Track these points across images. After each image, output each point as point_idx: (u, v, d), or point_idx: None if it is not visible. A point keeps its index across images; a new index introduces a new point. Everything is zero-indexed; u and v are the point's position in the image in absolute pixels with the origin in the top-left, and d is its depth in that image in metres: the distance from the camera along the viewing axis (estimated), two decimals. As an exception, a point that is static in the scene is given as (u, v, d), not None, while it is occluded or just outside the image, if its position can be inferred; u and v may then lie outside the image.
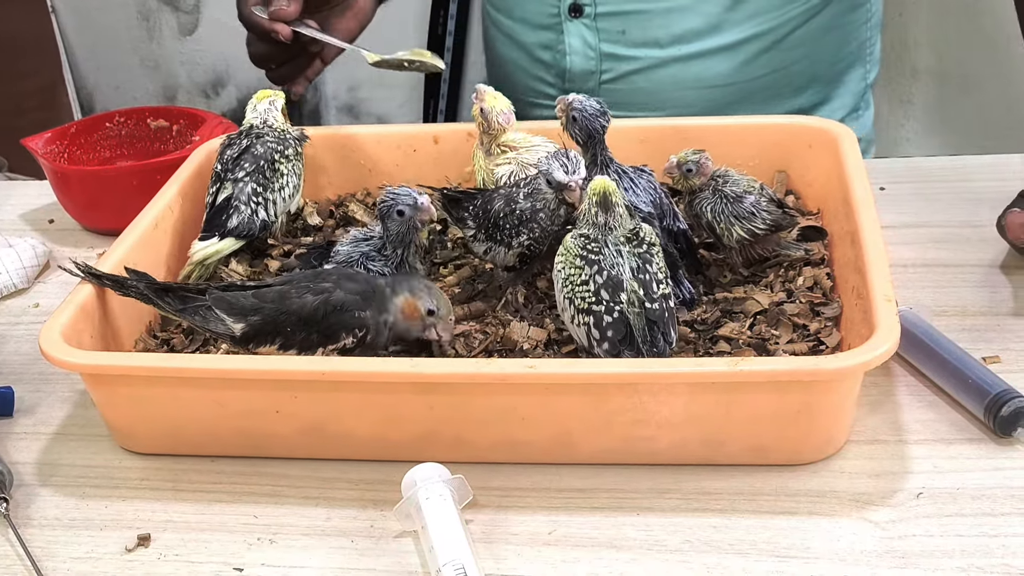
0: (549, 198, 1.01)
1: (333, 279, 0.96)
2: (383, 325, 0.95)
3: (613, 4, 1.37)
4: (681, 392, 0.86)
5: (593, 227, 0.94)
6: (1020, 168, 1.30)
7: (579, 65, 1.40)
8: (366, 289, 0.95)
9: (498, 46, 1.49)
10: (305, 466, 0.94)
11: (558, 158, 1.00)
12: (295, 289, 0.96)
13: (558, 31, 1.40)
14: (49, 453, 0.99)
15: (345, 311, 0.94)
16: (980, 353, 0.99)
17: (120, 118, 1.43)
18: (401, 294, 0.95)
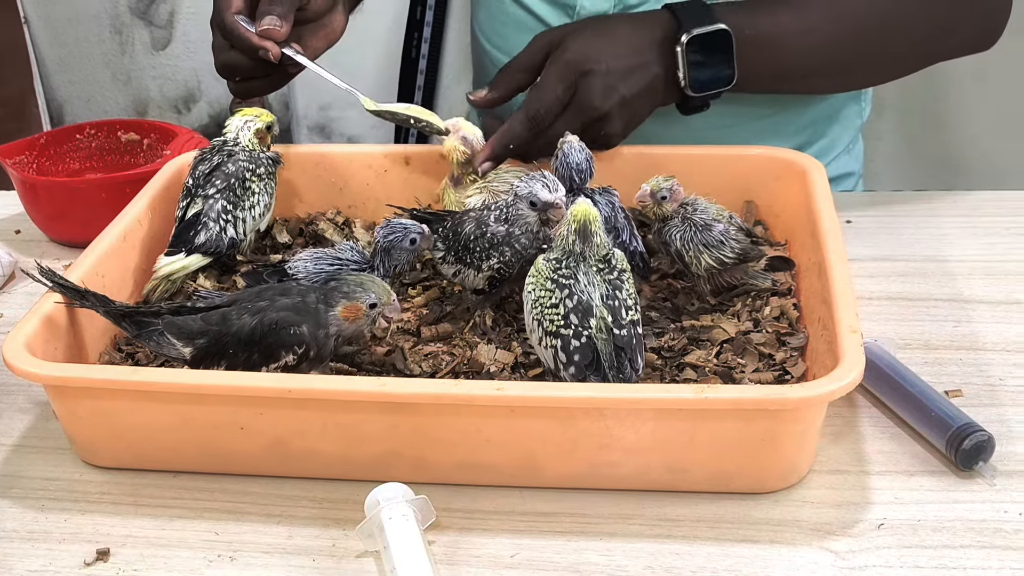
0: (531, 220, 1.02)
1: (269, 296, 0.96)
2: (325, 338, 0.95)
3: None
4: (647, 418, 0.87)
5: (566, 253, 0.94)
6: (982, 203, 1.32)
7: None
8: (298, 303, 0.95)
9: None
10: (267, 483, 0.94)
11: (537, 179, 1.00)
12: (236, 310, 0.96)
13: None
14: (8, 465, 0.98)
15: (281, 328, 0.94)
16: (943, 387, 1.00)
17: (91, 130, 1.42)
18: (338, 304, 0.95)
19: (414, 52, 2.56)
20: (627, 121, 1.18)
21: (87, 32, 2.60)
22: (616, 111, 1.16)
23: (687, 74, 1.18)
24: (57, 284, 0.99)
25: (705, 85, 1.19)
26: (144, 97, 2.64)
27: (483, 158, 1.16)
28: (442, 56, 2.55)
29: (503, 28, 1.41)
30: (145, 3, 2.54)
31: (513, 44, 1.39)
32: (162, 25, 2.58)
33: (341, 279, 0.97)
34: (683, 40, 1.16)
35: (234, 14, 1.17)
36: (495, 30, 1.43)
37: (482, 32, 1.46)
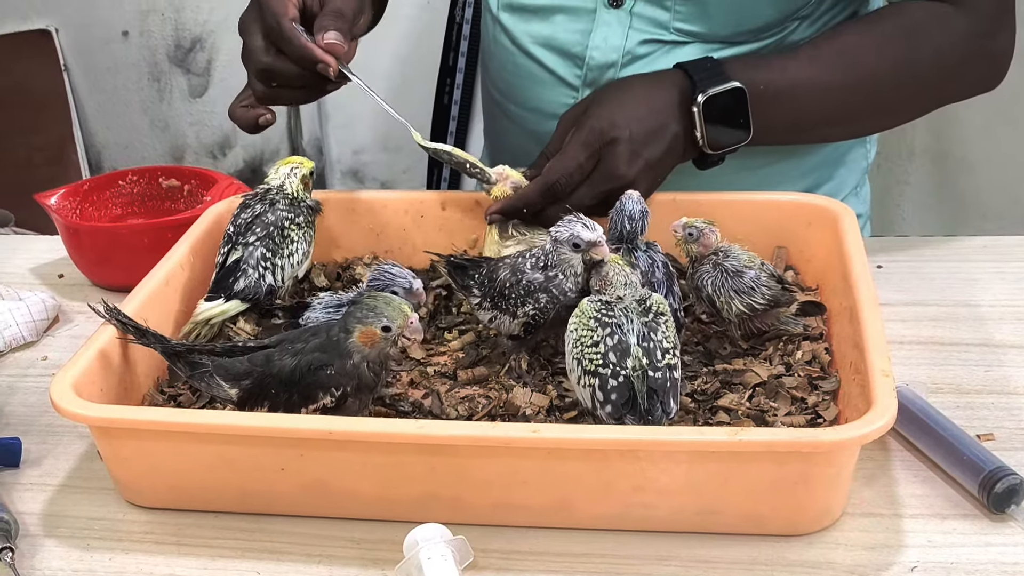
0: (575, 263, 1.03)
1: (305, 337, 0.98)
2: (354, 367, 0.96)
3: None
4: (681, 460, 0.88)
5: (624, 286, 0.97)
6: (1013, 248, 1.33)
7: None
8: (324, 341, 0.97)
9: (506, 132, 1.49)
10: (308, 524, 0.95)
11: (575, 222, 1.02)
12: (279, 351, 0.98)
13: None
14: (54, 504, 1.00)
15: (317, 369, 0.96)
16: (975, 430, 1.01)
17: (133, 177, 1.46)
18: (354, 330, 0.96)
19: (446, 98, 2.59)
20: (650, 184, 1.19)
21: (126, 80, 2.65)
22: (641, 176, 1.17)
23: (704, 133, 1.20)
24: (120, 321, 1.02)
25: (722, 143, 1.21)
26: (181, 143, 2.68)
27: (494, 210, 1.18)
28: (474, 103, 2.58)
29: (513, 79, 1.43)
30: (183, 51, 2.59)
31: (522, 95, 1.42)
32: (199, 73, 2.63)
33: (358, 303, 0.97)
34: (699, 100, 1.18)
35: (291, 19, 1.16)
36: (505, 80, 1.45)
37: (493, 84, 1.49)
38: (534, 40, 1.38)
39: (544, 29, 1.37)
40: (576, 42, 1.35)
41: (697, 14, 1.30)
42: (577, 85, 1.37)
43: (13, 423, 1.11)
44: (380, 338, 0.96)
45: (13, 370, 1.20)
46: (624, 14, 1.32)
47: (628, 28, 1.32)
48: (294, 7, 1.18)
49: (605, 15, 1.33)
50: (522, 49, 1.40)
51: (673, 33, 1.31)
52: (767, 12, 1.30)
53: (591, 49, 1.34)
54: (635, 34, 1.33)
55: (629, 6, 1.32)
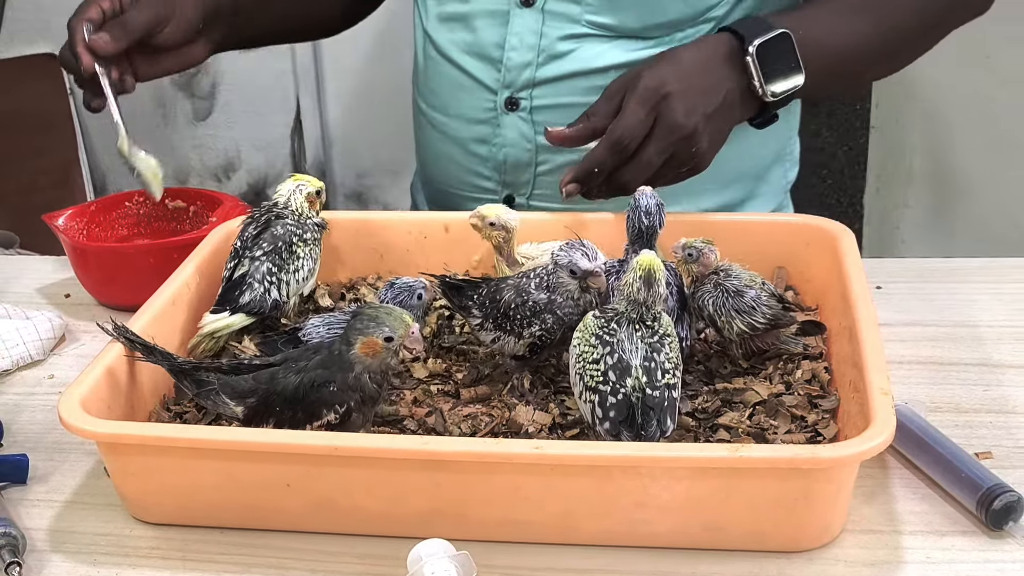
0: (572, 289, 1.05)
1: (308, 355, 0.99)
2: (356, 380, 0.97)
3: (548, 98, 1.40)
4: (682, 476, 0.89)
5: (628, 303, 0.97)
6: (1011, 270, 1.34)
7: (515, 157, 1.44)
8: (326, 357, 0.98)
9: (434, 143, 1.52)
10: (312, 540, 0.96)
11: (576, 248, 1.03)
12: (283, 369, 0.99)
13: (494, 125, 1.43)
14: (61, 520, 1.01)
15: (321, 387, 0.97)
16: (973, 449, 1.02)
17: (139, 198, 1.47)
18: (356, 341, 0.97)
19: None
20: (712, 137, 1.21)
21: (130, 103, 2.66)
22: (702, 127, 1.19)
23: (761, 81, 1.22)
24: (127, 339, 1.03)
25: (781, 89, 1.23)
26: (185, 166, 2.70)
27: (567, 179, 1.20)
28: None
29: (438, 87, 1.48)
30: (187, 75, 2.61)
31: (447, 103, 1.47)
32: (204, 96, 2.65)
33: (359, 315, 0.98)
34: (751, 51, 1.21)
35: (85, 20, 1.29)
36: (432, 90, 1.49)
37: (422, 96, 1.53)
38: (459, 48, 1.43)
39: (468, 36, 1.42)
40: (495, 45, 1.40)
41: (607, 6, 1.34)
42: (496, 88, 1.42)
43: (20, 440, 1.12)
44: (382, 348, 0.97)
45: (20, 388, 1.22)
46: (536, 12, 1.37)
47: (542, 26, 1.37)
48: (98, 10, 1.30)
49: (519, 15, 1.38)
50: (447, 58, 1.45)
51: (585, 26, 1.36)
52: (676, 7, 1.34)
53: (508, 50, 1.39)
54: (550, 31, 1.37)
55: (541, 4, 1.37)
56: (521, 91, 1.40)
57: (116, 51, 1.29)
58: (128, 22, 1.30)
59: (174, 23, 1.34)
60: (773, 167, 1.51)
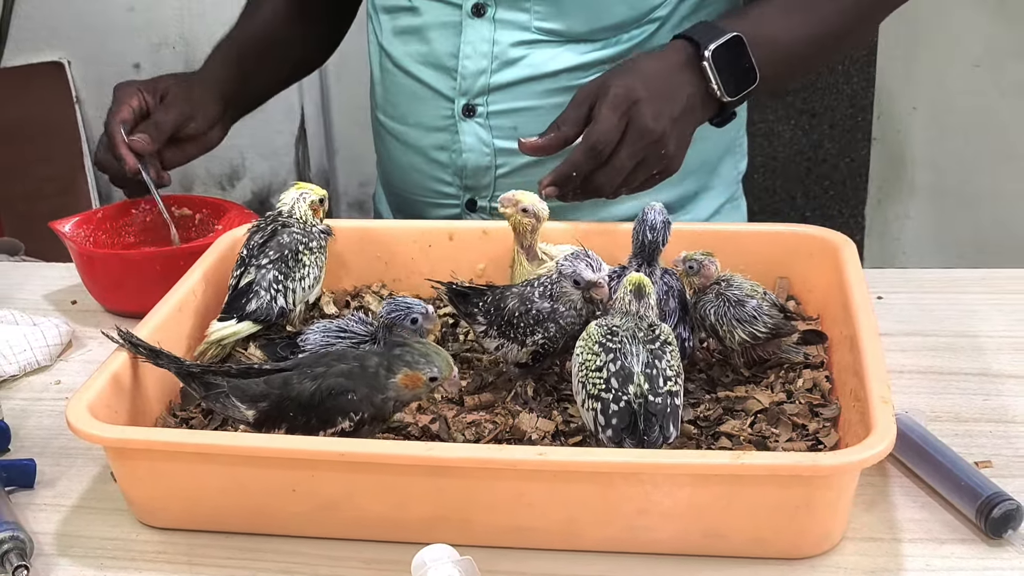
0: (575, 298, 1.06)
1: (327, 362, 1.00)
2: (383, 402, 0.98)
3: (504, 103, 1.44)
4: (684, 483, 0.90)
5: (623, 315, 0.99)
6: (1011, 281, 1.35)
7: (475, 162, 1.47)
8: (354, 368, 0.98)
9: (393, 152, 1.56)
10: (318, 544, 0.97)
11: (581, 259, 1.04)
12: (297, 375, 1.00)
13: (453, 132, 1.47)
14: (68, 525, 1.02)
15: (338, 395, 0.97)
16: (973, 457, 1.03)
17: (145, 205, 1.48)
18: (399, 372, 0.97)
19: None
20: (679, 140, 1.26)
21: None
22: (669, 130, 1.24)
23: (719, 84, 1.26)
24: (133, 344, 1.04)
25: (737, 89, 1.28)
26: (190, 174, 2.71)
27: (547, 182, 1.23)
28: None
29: (396, 99, 1.52)
30: (193, 84, 2.62)
31: (405, 113, 1.51)
32: (209, 105, 2.66)
33: (408, 346, 0.99)
34: (707, 56, 1.26)
35: (119, 122, 1.41)
36: (390, 102, 1.54)
37: (380, 108, 1.57)
38: (414, 59, 1.48)
39: (422, 47, 1.46)
40: (449, 55, 1.44)
41: (554, 13, 1.39)
42: (453, 96, 1.45)
43: (28, 445, 1.13)
44: (423, 384, 0.97)
45: (28, 393, 1.23)
46: (488, 22, 1.42)
47: (493, 34, 1.41)
48: (129, 110, 1.42)
49: (471, 25, 1.42)
50: (404, 70, 1.49)
51: (535, 32, 1.41)
52: (620, 10, 1.39)
53: (463, 59, 1.43)
54: (502, 38, 1.42)
55: (491, 14, 1.41)
56: (477, 98, 1.44)
57: (153, 151, 1.42)
58: (160, 123, 1.43)
59: (198, 120, 1.46)
60: (724, 159, 1.56)
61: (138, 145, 1.40)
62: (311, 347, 1.11)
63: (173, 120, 1.44)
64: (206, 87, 1.51)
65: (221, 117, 1.51)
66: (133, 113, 1.43)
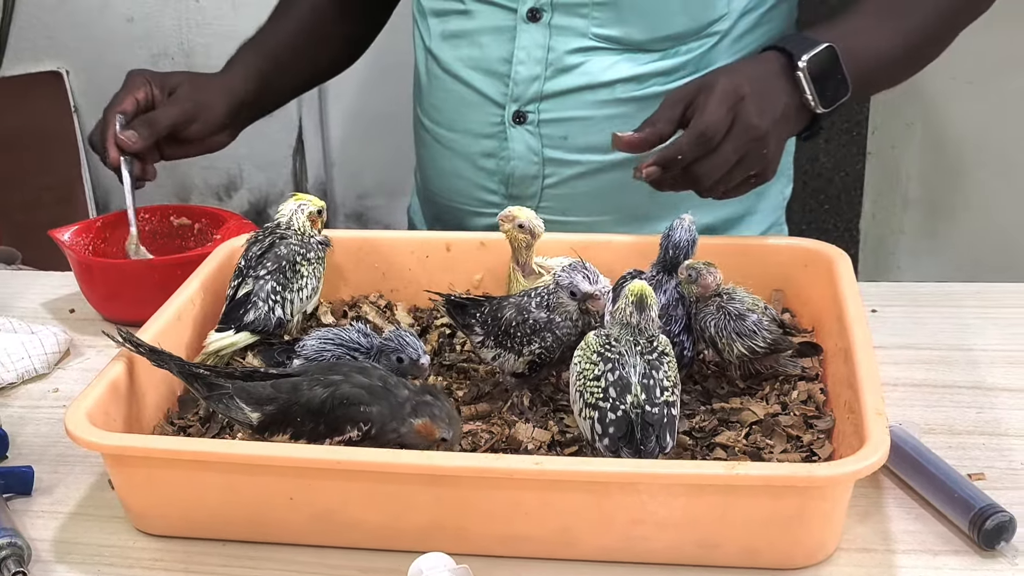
0: (571, 310, 1.06)
1: (344, 372, 1.00)
2: (392, 431, 0.98)
3: (556, 111, 1.43)
4: (679, 493, 0.90)
5: (622, 326, 0.99)
6: (1005, 295, 1.36)
7: (522, 170, 1.46)
8: (376, 386, 0.99)
9: (439, 159, 1.54)
10: (314, 553, 0.97)
11: (578, 270, 1.05)
12: (308, 381, 1.00)
13: (501, 138, 1.46)
14: (66, 531, 1.02)
15: (351, 405, 0.98)
16: (966, 470, 1.03)
17: (144, 214, 1.49)
18: (422, 417, 0.98)
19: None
20: (777, 142, 1.25)
21: (134, 121, 2.69)
22: (772, 131, 1.23)
23: (814, 94, 1.25)
24: (135, 345, 1.04)
25: (831, 100, 1.26)
26: (187, 184, 2.71)
27: (650, 162, 1.21)
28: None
29: (443, 104, 1.51)
30: (191, 95, 2.63)
31: (453, 119, 1.49)
32: (207, 115, 2.66)
33: (440, 402, 0.99)
34: (801, 66, 1.24)
35: (118, 112, 1.40)
36: (437, 108, 1.52)
37: (425, 113, 1.55)
38: (464, 64, 1.46)
39: (473, 52, 1.45)
40: (502, 60, 1.43)
41: (613, 20, 1.38)
42: (504, 102, 1.44)
43: (25, 452, 1.13)
44: (433, 440, 0.97)
45: (26, 401, 1.23)
46: (543, 27, 1.40)
47: (549, 40, 1.40)
48: (133, 101, 1.41)
49: (526, 31, 1.41)
50: (453, 75, 1.47)
51: (592, 39, 1.39)
52: (680, 20, 1.38)
53: (516, 64, 1.42)
54: (557, 45, 1.40)
55: (547, 19, 1.39)
56: (528, 105, 1.43)
57: (141, 149, 1.39)
58: (155, 121, 1.40)
59: (201, 123, 1.44)
60: (772, 183, 1.52)
61: (123, 142, 1.38)
62: (307, 353, 1.11)
63: (171, 120, 1.42)
64: (219, 90, 1.48)
65: (229, 122, 1.49)
66: (136, 105, 1.41)
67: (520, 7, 1.41)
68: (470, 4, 1.44)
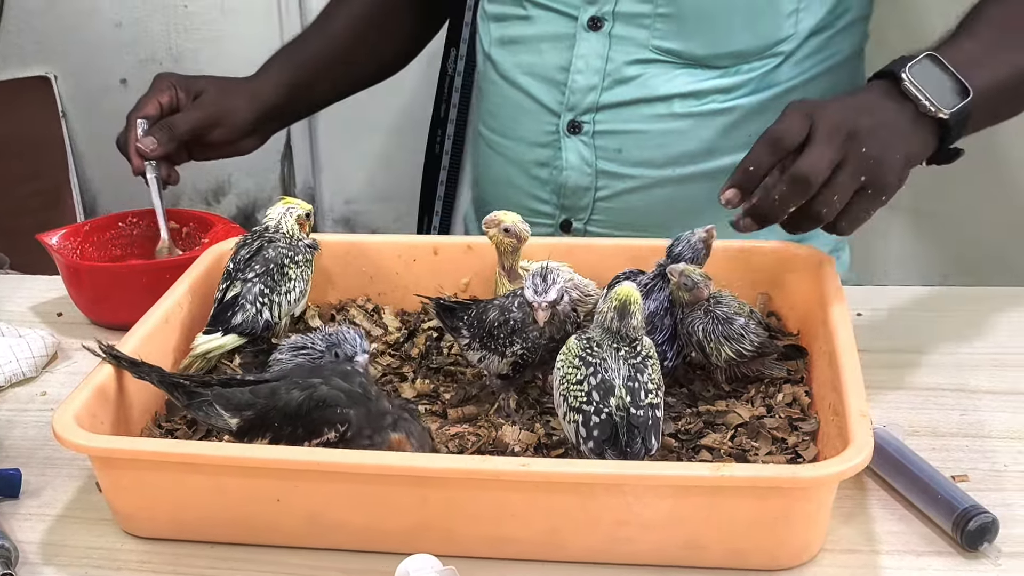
0: (529, 311, 1.07)
1: (324, 375, 1.01)
2: (366, 437, 0.98)
3: (610, 123, 1.42)
4: (665, 494, 0.91)
5: (603, 331, 0.99)
6: (989, 298, 1.37)
7: (575, 181, 1.45)
8: (357, 394, 0.99)
9: (493, 165, 1.54)
10: (301, 555, 0.98)
11: (537, 275, 1.05)
12: (285, 385, 1.00)
13: (556, 148, 1.45)
14: (53, 534, 1.02)
15: (328, 406, 0.98)
16: (950, 471, 1.04)
17: (133, 219, 1.49)
18: (399, 431, 0.98)
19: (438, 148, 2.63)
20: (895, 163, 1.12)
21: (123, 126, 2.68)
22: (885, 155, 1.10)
23: (928, 97, 1.13)
24: (115, 357, 1.05)
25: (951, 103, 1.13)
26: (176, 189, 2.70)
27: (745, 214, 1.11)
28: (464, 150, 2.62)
29: (501, 111, 1.50)
30: (180, 99, 2.63)
31: (509, 125, 1.49)
32: (195, 120, 2.67)
33: (418, 420, 1.00)
34: (905, 75, 1.13)
35: (141, 117, 1.40)
36: (493, 114, 1.52)
37: (483, 120, 1.55)
38: (522, 71, 1.45)
39: (531, 58, 1.44)
40: (559, 68, 1.42)
41: (674, 32, 1.36)
42: (559, 111, 1.43)
43: (12, 455, 1.13)
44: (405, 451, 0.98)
45: (13, 404, 1.23)
46: (603, 36, 1.39)
47: (608, 50, 1.39)
48: (156, 106, 1.41)
49: (585, 39, 1.39)
50: (510, 81, 1.46)
51: (652, 51, 1.38)
52: (743, 37, 1.36)
53: (573, 73, 1.40)
54: (616, 55, 1.39)
55: (608, 28, 1.38)
56: (584, 115, 1.42)
57: (161, 155, 1.39)
58: (174, 125, 1.39)
59: (225, 128, 1.43)
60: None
61: (142, 149, 1.38)
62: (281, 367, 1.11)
63: (190, 125, 1.41)
64: (246, 96, 1.47)
65: (254, 129, 1.47)
66: (159, 109, 1.40)
67: (581, 15, 1.40)
68: (531, 10, 1.43)
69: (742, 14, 1.35)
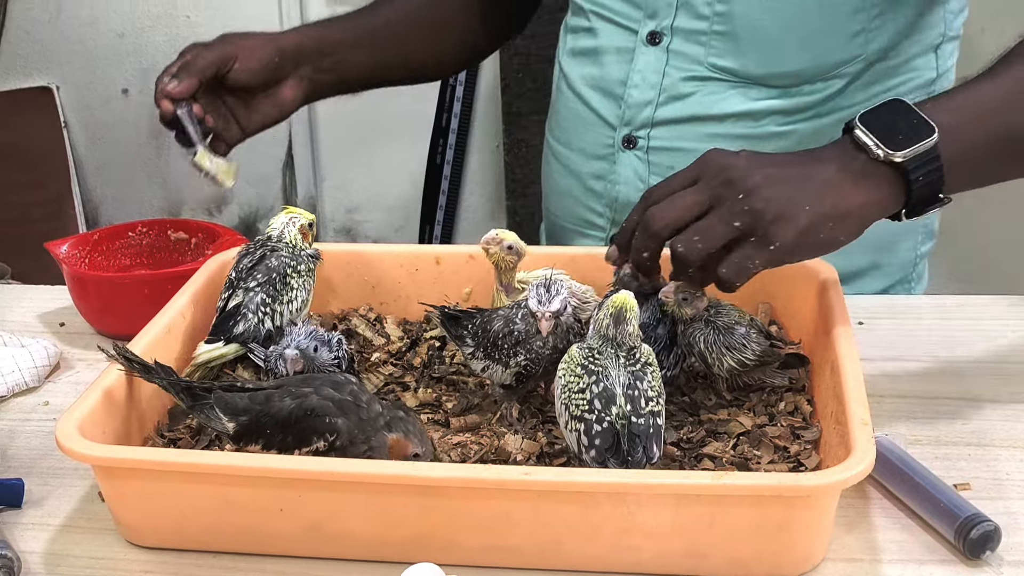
0: (532, 322, 1.07)
1: (316, 384, 1.01)
2: (363, 443, 0.99)
3: (665, 139, 1.41)
4: (667, 503, 0.91)
5: (601, 338, 1.00)
6: (990, 307, 1.37)
7: (627, 196, 1.44)
8: (346, 402, 1.00)
9: (555, 176, 1.55)
10: (303, 564, 0.98)
11: (539, 287, 1.05)
12: (280, 392, 1.01)
13: (611, 161, 1.45)
14: (56, 544, 1.02)
15: (317, 416, 0.99)
16: (952, 480, 1.04)
17: (142, 228, 1.50)
18: (395, 433, 0.99)
19: (439, 158, 2.64)
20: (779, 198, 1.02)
21: (124, 136, 2.69)
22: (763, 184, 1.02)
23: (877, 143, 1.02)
24: (126, 359, 1.05)
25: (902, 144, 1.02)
26: (178, 199, 2.72)
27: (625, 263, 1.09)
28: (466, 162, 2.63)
29: (566, 122, 1.51)
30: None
31: (571, 136, 1.49)
32: (198, 129, 2.67)
33: (412, 419, 1.00)
34: (857, 121, 1.04)
35: (165, 73, 1.34)
36: (558, 123, 1.53)
37: (550, 129, 1.56)
38: (585, 82, 1.46)
39: (595, 70, 1.44)
40: (618, 81, 1.42)
41: (730, 49, 1.34)
42: (616, 124, 1.43)
43: (15, 465, 1.13)
44: (406, 456, 0.99)
45: (16, 414, 1.23)
46: (661, 51, 1.38)
47: (665, 65, 1.38)
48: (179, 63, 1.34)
49: (643, 53, 1.39)
50: (575, 92, 1.47)
51: (708, 69, 1.36)
52: (799, 57, 1.33)
53: (630, 87, 1.41)
54: (673, 71, 1.38)
55: (666, 43, 1.38)
56: (639, 129, 1.42)
57: (188, 90, 1.33)
58: (192, 63, 1.35)
59: (242, 60, 1.37)
60: (903, 238, 1.47)
61: (169, 89, 1.32)
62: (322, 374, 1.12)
63: (207, 61, 1.36)
64: (262, 38, 1.42)
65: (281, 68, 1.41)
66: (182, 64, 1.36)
67: (641, 29, 1.39)
68: (595, 22, 1.43)
69: (796, 33, 1.33)
